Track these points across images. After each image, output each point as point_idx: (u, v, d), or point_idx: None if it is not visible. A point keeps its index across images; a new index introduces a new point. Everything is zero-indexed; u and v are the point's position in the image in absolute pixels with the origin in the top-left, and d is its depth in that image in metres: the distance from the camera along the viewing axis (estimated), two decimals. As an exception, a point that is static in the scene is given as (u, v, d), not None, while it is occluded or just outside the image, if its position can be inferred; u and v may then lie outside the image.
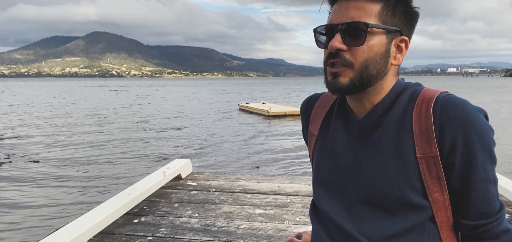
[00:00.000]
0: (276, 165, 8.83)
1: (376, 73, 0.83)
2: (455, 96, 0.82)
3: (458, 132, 0.78)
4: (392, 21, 0.83)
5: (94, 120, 18.15)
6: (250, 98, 35.29)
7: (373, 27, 0.81)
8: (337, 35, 0.82)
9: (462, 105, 0.79)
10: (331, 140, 0.96)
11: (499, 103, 25.39)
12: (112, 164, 9.01)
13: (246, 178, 3.39)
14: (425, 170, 0.81)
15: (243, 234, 2.16)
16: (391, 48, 0.85)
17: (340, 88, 0.83)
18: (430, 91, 0.85)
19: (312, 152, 1.04)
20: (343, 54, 0.82)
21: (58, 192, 6.76)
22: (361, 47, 0.81)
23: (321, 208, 0.96)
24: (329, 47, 0.82)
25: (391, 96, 0.87)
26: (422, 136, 0.81)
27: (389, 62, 0.85)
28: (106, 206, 2.38)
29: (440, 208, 0.83)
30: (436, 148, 0.80)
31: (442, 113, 0.79)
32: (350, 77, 0.82)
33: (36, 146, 11.18)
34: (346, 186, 0.91)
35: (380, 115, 0.87)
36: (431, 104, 0.81)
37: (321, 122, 1.00)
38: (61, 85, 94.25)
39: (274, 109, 18.76)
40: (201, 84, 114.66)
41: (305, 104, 1.09)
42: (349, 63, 0.82)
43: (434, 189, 0.82)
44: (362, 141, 0.89)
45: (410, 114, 0.83)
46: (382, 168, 0.84)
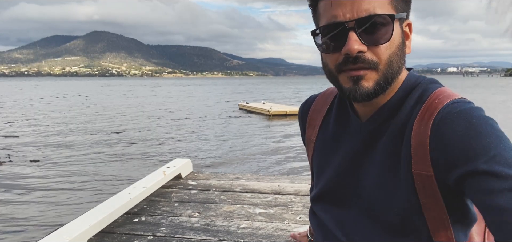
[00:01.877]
0: (277, 165, 8.84)
1: (398, 68, 0.73)
2: (463, 104, 0.68)
3: (456, 149, 0.65)
4: (401, 5, 0.72)
5: (94, 120, 18.14)
6: (251, 97, 35.27)
7: (397, 18, 0.69)
8: (352, 34, 0.68)
9: (465, 115, 0.66)
10: (330, 147, 0.88)
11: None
12: (112, 163, 9.01)
13: (246, 177, 3.39)
14: (420, 187, 0.71)
15: (243, 234, 2.16)
16: (404, 35, 0.74)
17: (366, 94, 0.71)
18: (440, 96, 0.71)
19: (311, 159, 0.96)
20: (364, 56, 0.69)
21: (58, 192, 6.76)
22: (386, 44, 0.69)
23: (321, 218, 0.90)
24: (347, 51, 0.68)
25: (399, 95, 0.76)
26: (418, 151, 0.70)
27: (404, 53, 0.74)
28: (106, 205, 2.38)
29: (438, 227, 0.73)
30: (430, 167, 0.69)
31: (440, 126, 0.67)
32: (374, 80, 0.70)
33: (36, 146, 11.18)
34: (347, 199, 0.83)
35: (385, 119, 0.76)
36: (433, 114, 0.69)
37: (319, 127, 0.92)
38: (70, 84, 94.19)
39: (274, 109, 18.77)
40: (202, 84, 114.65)
41: (302, 108, 1.00)
42: (374, 64, 0.69)
43: (430, 207, 0.72)
44: (364, 148, 0.80)
45: (412, 122, 0.72)
46: (382, 181, 0.76)
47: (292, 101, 27.38)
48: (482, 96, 33.49)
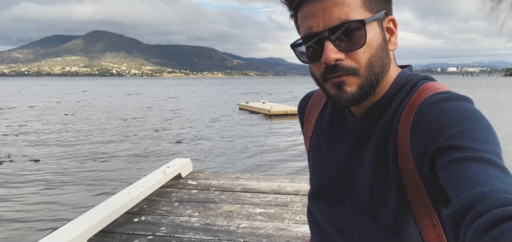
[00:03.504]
0: (277, 165, 8.84)
1: (381, 68, 0.72)
2: (441, 95, 0.68)
3: (425, 135, 0.64)
4: (376, 5, 0.72)
5: (93, 120, 18.15)
6: (252, 97, 35.27)
7: (369, 21, 0.69)
8: (327, 43, 0.68)
9: (439, 103, 0.65)
10: (325, 144, 0.88)
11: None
12: (112, 163, 9.01)
13: (246, 177, 3.39)
14: (407, 182, 0.71)
15: (243, 233, 2.16)
16: (385, 34, 0.74)
17: (351, 99, 0.71)
18: (426, 89, 0.72)
19: (308, 155, 0.97)
20: (342, 63, 0.69)
21: (58, 191, 6.77)
22: (362, 48, 0.69)
23: (316, 217, 0.90)
24: (323, 60, 0.69)
25: (391, 92, 0.76)
26: (403, 145, 0.70)
27: (388, 50, 0.74)
28: (106, 205, 2.39)
29: (426, 224, 0.73)
30: (412, 160, 0.69)
31: (416, 119, 0.67)
32: (357, 84, 0.71)
33: (36, 145, 11.18)
34: (342, 196, 0.83)
35: (377, 116, 0.77)
36: (415, 109, 0.69)
37: (315, 123, 0.92)
38: (75, 84, 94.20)
39: (275, 109, 18.78)
40: (203, 84, 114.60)
41: (300, 104, 1.00)
42: (353, 70, 0.70)
43: (417, 202, 0.72)
44: (358, 145, 0.80)
45: (398, 117, 0.73)
46: (374, 178, 0.76)
47: (291, 102, 27.37)
48: (484, 96, 33.48)
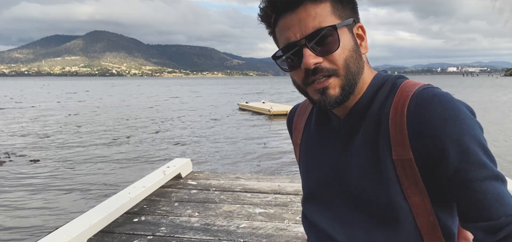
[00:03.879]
0: (277, 165, 8.84)
1: (357, 68, 0.79)
2: (433, 89, 0.76)
3: (434, 131, 0.71)
4: (345, 13, 0.79)
5: (94, 120, 18.16)
6: (252, 98, 35.29)
7: (340, 26, 0.76)
8: (305, 50, 0.75)
9: (439, 99, 0.73)
10: (314, 148, 0.92)
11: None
12: (112, 163, 9.01)
13: (246, 177, 3.39)
14: (402, 173, 0.76)
15: (243, 233, 2.16)
16: (356, 39, 0.81)
17: (334, 101, 0.78)
18: (408, 85, 0.79)
19: (298, 162, 1.01)
20: (321, 65, 0.76)
21: (58, 191, 6.77)
22: (337, 50, 0.76)
23: (312, 220, 0.93)
24: (303, 66, 0.75)
25: (370, 92, 0.83)
26: (397, 137, 0.75)
27: (360, 53, 0.81)
28: (106, 205, 2.39)
29: (421, 213, 0.77)
30: (410, 151, 0.74)
31: (416, 110, 0.73)
32: (339, 85, 0.77)
33: (36, 145, 11.18)
34: (334, 196, 0.86)
35: (361, 115, 0.83)
36: (406, 102, 0.75)
37: (303, 130, 0.97)
38: (79, 84, 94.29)
39: (275, 109, 18.76)
40: (202, 84, 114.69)
41: (288, 116, 1.07)
42: (333, 71, 0.76)
43: (412, 192, 0.76)
44: (346, 144, 0.84)
45: (387, 112, 0.78)
46: (365, 173, 0.80)
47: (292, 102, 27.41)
48: (486, 96, 33.49)
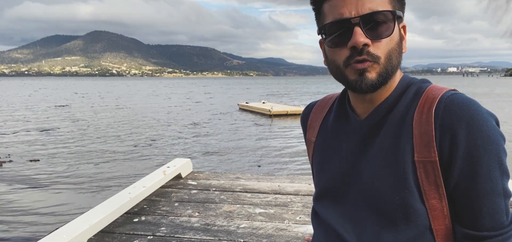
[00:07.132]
0: (277, 165, 8.84)
1: (396, 63, 0.79)
2: (462, 95, 0.76)
3: (460, 135, 0.72)
4: (398, 5, 0.79)
5: (94, 120, 18.15)
6: (252, 98, 35.27)
7: (397, 15, 0.76)
8: (357, 29, 0.74)
9: (468, 106, 0.73)
10: (330, 146, 0.92)
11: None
12: (112, 163, 9.01)
13: (246, 177, 3.39)
14: (423, 175, 0.76)
15: (243, 233, 2.16)
16: (401, 34, 0.81)
17: (370, 84, 0.77)
18: (435, 89, 0.79)
19: (311, 159, 1.01)
20: (368, 48, 0.75)
21: (58, 191, 6.77)
22: (387, 38, 0.76)
23: (322, 216, 0.92)
24: (353, 43, 0.75)
25: (396, 93, 0.82)
26: (422, 139, 0.75)
27: (402, 50, 0.81)
28: (106, 205, 2.38)
29: (438, 216, 0.77)
30: (435, 152, 0.74)
31: (445, 114, 0.74)
32: (377, 72, 0.77)
33: (36, 145, 11.18)
34: (347, 193, 0.86)
35: (384, 115, 0.82)
36: (433, 104, 0.76)
37: (319, 128, 0.97)
38: (83, 84, 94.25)
39: (275, 109, 18.75)
40: (202, 84, 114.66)
41: (303, 112, 1.06)
42: (376, 57, 0.76)
43: (431, 195, 0.76)
44: (363, 144, 0.84)
45: (411, 114, 0.78)
46: (383, 173, 0.79)
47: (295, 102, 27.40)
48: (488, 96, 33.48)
